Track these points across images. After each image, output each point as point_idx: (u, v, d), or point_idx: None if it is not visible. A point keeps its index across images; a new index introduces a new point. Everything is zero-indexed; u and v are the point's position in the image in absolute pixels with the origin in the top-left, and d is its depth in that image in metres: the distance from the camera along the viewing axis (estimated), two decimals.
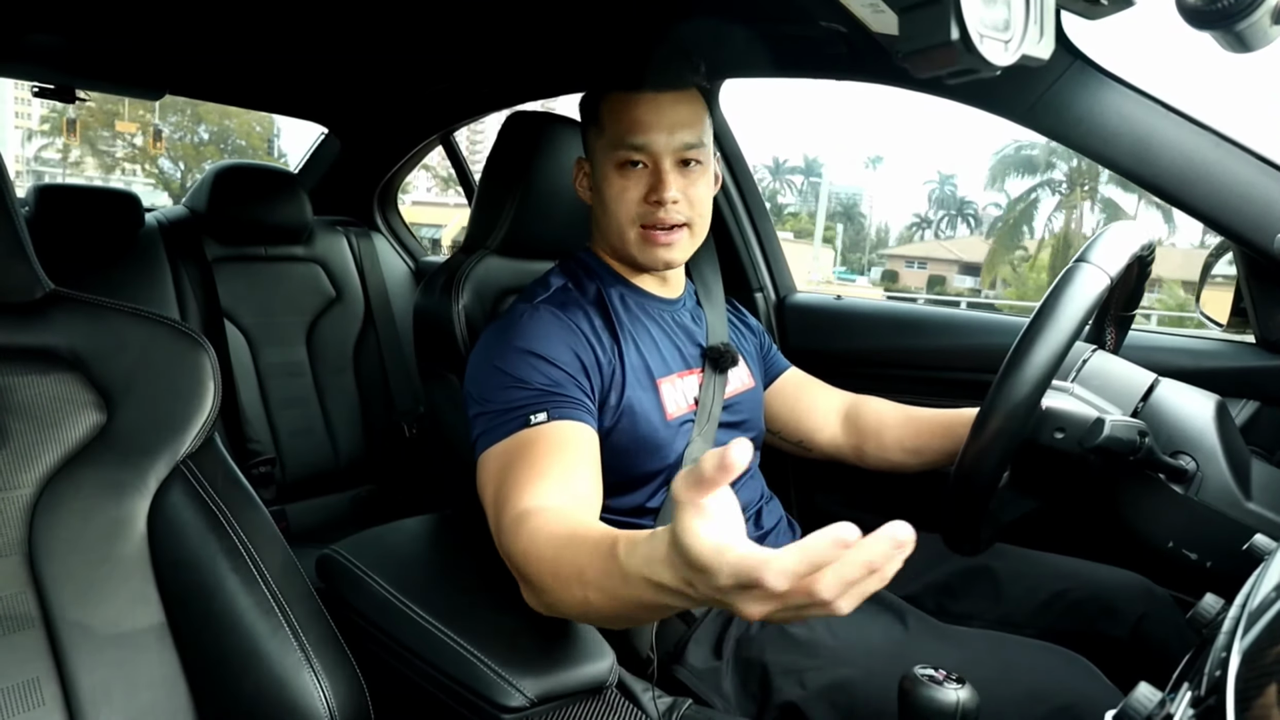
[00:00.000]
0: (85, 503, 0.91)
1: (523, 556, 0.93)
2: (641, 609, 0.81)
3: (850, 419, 1.51)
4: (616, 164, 1.22)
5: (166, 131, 47.44)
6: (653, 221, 1.22)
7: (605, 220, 1.26)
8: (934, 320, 1.83)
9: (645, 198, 1.21)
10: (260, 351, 2.34)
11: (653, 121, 1.20)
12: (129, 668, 0.89)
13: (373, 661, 1.01)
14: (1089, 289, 0.97)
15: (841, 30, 1.42)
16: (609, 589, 0.80)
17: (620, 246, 1.26)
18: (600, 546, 0.81)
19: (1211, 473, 1.00)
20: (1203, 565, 0.99)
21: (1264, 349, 1.40)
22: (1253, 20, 0.67)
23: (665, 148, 1.20)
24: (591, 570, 0.82)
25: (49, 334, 0.94)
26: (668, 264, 1.26)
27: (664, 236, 1.23)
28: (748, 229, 2.01)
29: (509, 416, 1.08)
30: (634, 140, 1.20)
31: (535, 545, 0.91)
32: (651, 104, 1.20)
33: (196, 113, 48.53)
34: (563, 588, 0.87)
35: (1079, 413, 1.04)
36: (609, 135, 1.22)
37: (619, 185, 1.22)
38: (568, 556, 0.86)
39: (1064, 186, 43.67)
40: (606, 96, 1.24)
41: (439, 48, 1.93)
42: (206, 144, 51.16)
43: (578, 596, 0.85)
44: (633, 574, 0.75)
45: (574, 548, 0.86)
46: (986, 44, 0.56)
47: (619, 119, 1.21)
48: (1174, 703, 0.50)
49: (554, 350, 1.14)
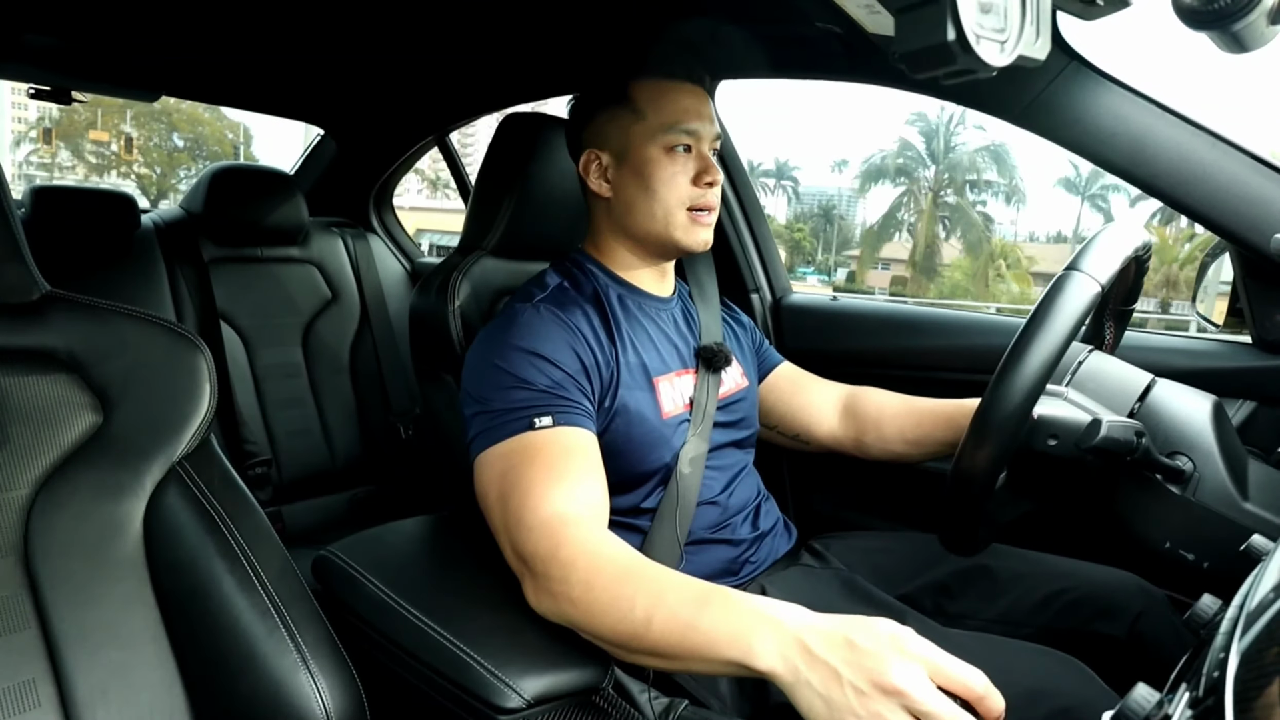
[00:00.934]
0: (81, 504, 0.91)
1: (573, 559, 0.95)
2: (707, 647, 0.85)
3: (850, 410, 1.51)
4: (665, 148, 1.25)
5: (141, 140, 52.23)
6: (702, 204, 1.26)
7: (647, 205, 1.27)
8: (930, 321, 1.83)
9: (694, 180, 1.26)
10: (256, 353, 2.34)
11: (700, 111, 1.27)
12: (125, 669, 0.89)
13: (369, 662, 1.01)
14: (1079, 298, 0.97)
15: (837, 31, 1.43)
16: (685, 618, 0.87)
17: (664, 230, 1.27)
18: (688, 578, 0.91)
19: (1208, 473, 1.00)
20: (1200, 566, 0.99)
21: (1260, 349, 1.40)
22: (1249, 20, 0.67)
23: (706, 135, 1.27)
24: (673, 595, 0.89)
25: (45, 335, 0.94)
26: (705, 244, 1.29)
27: (707, 218, 1.28)
28: (744, 230, 2.01)
29: (511, 417, 1.08)
30: (688, 126, 1.25)
31: (600, 552, 0.96)
32: (695, 94, 1.28)
33: (171, 121, 52.95)
34: (622, 602, 0.91)
35: (1072, 419, 1.04)
36: (653, 120, 1.25)
37: (669, 169, 1.25)
38: (640, 571, 0.93)
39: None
40: (643, 82, 1.27)
41: (435, 49, 1.93)
42: (180, 150, 55.31)
43: (638, 616, 0.90)
44: (708, 631, 0.84)
45: (649, 566, 0.93)
46: (983, 45, 0.56)
47: (666, 105, 1.25)
48: (1172, 704, 0.50)
49: (555, 351, 1.14)
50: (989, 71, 0.57)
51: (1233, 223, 1.25)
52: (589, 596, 0.92)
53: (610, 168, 1.29)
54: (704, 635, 0.84)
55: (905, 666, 0.74)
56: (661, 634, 0.87)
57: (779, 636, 0.80)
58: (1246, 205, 1.23)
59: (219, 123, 55.40)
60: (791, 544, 1.42)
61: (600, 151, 1.30)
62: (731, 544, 1.30)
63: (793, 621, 0.81)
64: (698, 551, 1.26)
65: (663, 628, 0.87)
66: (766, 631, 0.81)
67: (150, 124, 53.72)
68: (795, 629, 0.80)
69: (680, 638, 0.86)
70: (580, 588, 0.93)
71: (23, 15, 1.72)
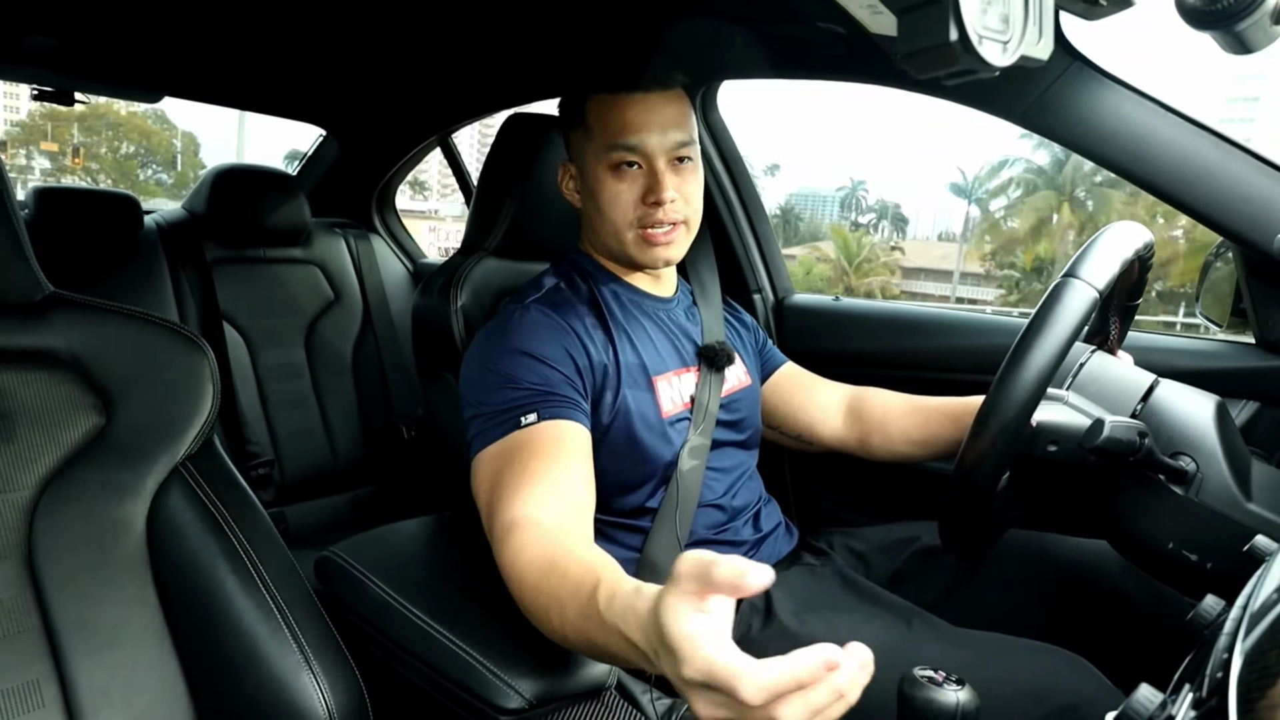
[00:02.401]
0: (85, 504, 0.91)
1: (506, 570, 0.94)
2: (612, 658, 0.81)
3: (854, 411, 1.50)
4: (609, 166, 1.21)
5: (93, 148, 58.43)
6: (651, 222, 1.22)
7: (600, 223, 1.25)
8: (932, 321, 1.83)
9: (642, 199, 1.21)
10: (259, 353, 2.34)
11: (645, 122, 1.20)
12: (128, 669, 0.89)
13: (371, 663, 1.01)
14: (1076, 306, 0.97)
15: (840, 31, 1.42)
16: (584, 630, 0.80)
17: (617, 248, 1.26)
18: (581, 586, 0.81)
19: (1211, 474, 1.00)
20: (1203, 566, 0.99)
21: (1264, 349, 1.40)
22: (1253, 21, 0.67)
23: (659, 147, 1.20)
24: (570, 607, 0.82)
25: (49, 336, 0.94)
26: (667, 262, 1.26)
27: (663, 236, 1.23)
28: (746, 230, 2.01)
29: (502, 418, 1.08)
30: (627, 141, 1.20)
31: (517, 565, 0.92)
32: (641, 104, 1.20)
33: (120, 131, 59.32)
34: (540, 614, 0.88)
35: (1072, 425, 1.03)
36: (598, 138, 1.22)
37: (613, 188, 1.22)
38: (548, 587, 0.86)
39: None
40: (592, 99, 1.23)
41: (437, 50, 1.93)
42: (131, 157, 61.84)
43: (555, 628, 0.86)
44: (608, 623, 0.75)
45: (555, 578, 0.86)
46: (985, 45, 0.56)
47: (609, 121, 1.21)
48: (1175, 704, 0.50)
49: (545, 349, 1.14)
50: (991, 72, 0.57)
51: (1235, 223, 1.25)
52: (524, 605, 0.91)
53: (577, 180, 1.29)
54: (603, 651, 0.79)
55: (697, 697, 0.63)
56: (580, 641, 0.83)
57: (643, 636, 0.71)
58: (1249, 205, 1.23)
59: (165, 132, 62.86)
60: (793, 545, 1.42)
61: (571, 165, 1.30)
62: (733, 545, 1.30)
63: (635, 634, 0.72)
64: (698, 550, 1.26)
65: (577, 640, 0.83)
66: (625, 646, 0.74)
67: (103, 133, 59.80)
68: (639, 642, 0.72)
69: (592, 649, 0.82)
70: (517, 596, 0.91)
71: (25, 16, 1.72)
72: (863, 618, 1.19)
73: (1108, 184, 33.76)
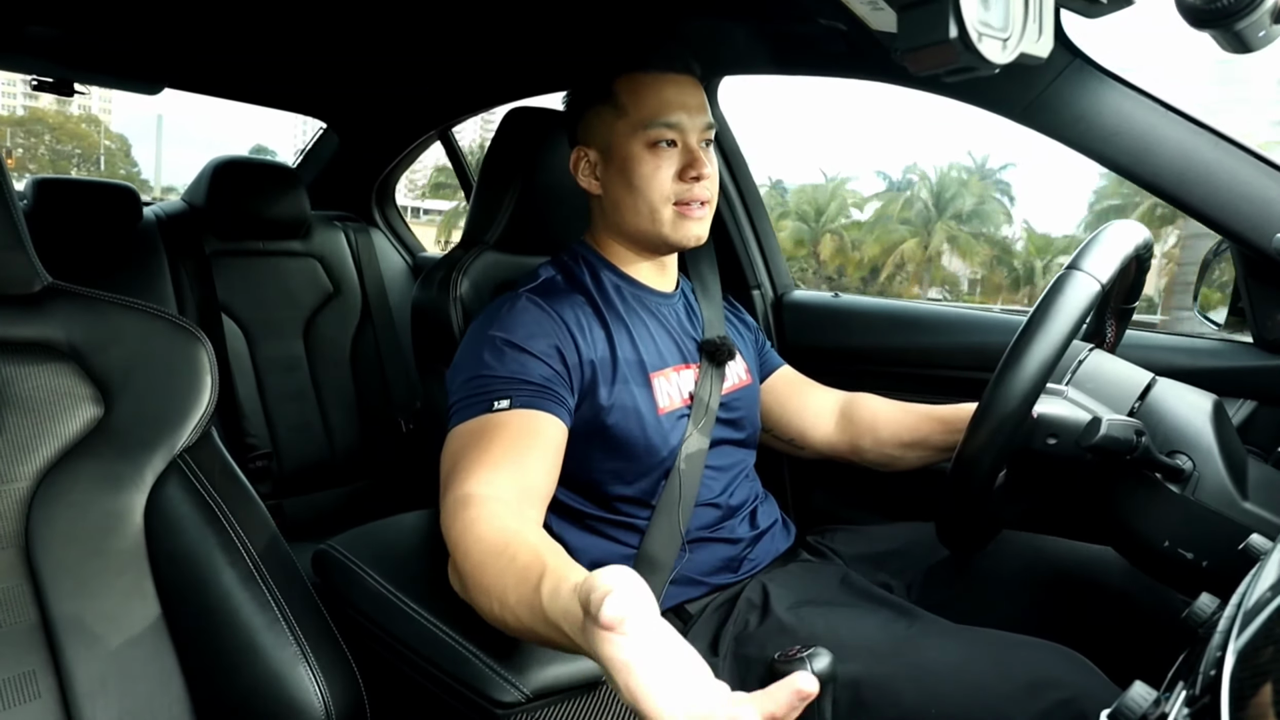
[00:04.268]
0: (82, 496, 0.91)
1: (453, 543, 0.93)
2: (552, 645, 0.80)
3: (845, 416, 1.51)
4: (647, 143, 1.23)
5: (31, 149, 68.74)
6: (689, 198, 1.24)
7: (632, 202, 1.26)
8: (932, 318, 1.83)
9: (679, 175, 1.24)
10: (258, 346, 2.33)
11: (683, 102, 1.24)
12: (125, 661, 0.89)
13: (369, 656, 1.01)
14: (1079, 297, 0.97)
15: (841, 28, 1.42)
16: (525, 619, 0.80)
17: (650, 227, 1.26)
18: (528, 574, 0.81)
19: (1208, 472, 1.00)
20: (1199, 565, 0.99)
21: (1261, 349, 1.40)
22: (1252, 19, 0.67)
23: (693, 127, 1.24)
24: (513, 594, 0.81)
25: (47, 327, 0.94)
26: (698, 238, 1.28)
27: (697, 211, 1.25)
28: (745, 227, 2.01)
29: (474, 400, 1.09)
30: (669, 119, 1.23)
31: (465, 541, 0.91)
32: (677, 85, 1.25)
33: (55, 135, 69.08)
34: (482, 595, 0.87)
35: (1071, 418, 1.04)
36: (634, 115, 1.23)
37: (652, 164, 1.23)
38: (495, 568, 0.86)
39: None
40: (624, 77, 1.25)
41: (438, 43, 1.93)
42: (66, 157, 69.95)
43: (495, 612, 0.85)
44: (550, 618, 0.75)
45: (503, 561, 0.85)
46: (985, 42, 0.56)
47: (647, 99, 1.23)
48: (1169, 702, 0.50)
49: (528, 338, 1.14)
50: (991, 69, 0.57)
51: (1234, 222, 1.25)
52: (469, 580, 0.89)
53: (598, 165, 1.29)
54: (542, 640, 0.80)
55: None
56: (516, 630, 0.83)
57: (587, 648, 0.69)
58: (1248, 204, 1.23)
59: (96, 135, 72.98)
60: (790, 542, 1.42)
61: (588, 149, 1.30)
62: (730, 543, 1.30)
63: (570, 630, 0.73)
64: (696, 550, 1.26)
65: (515, 625, 0.83)
66: (562, 639, 0.75)
67: (44, 135, 69.94)
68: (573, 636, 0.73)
69: (531, 636, 0.81)
70: (465, 567, 0.90)
71: (26, 6, 1.72)
72: (860, 613, 1.19)
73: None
